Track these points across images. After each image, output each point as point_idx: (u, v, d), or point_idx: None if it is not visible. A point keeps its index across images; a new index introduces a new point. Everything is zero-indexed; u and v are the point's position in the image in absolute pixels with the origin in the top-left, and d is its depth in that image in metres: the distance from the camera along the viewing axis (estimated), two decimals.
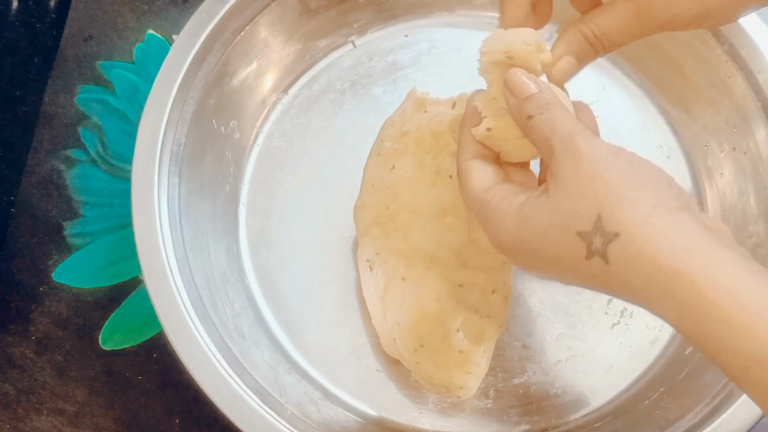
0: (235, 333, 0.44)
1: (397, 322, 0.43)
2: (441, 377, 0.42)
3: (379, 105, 0.52)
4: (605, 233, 0.29)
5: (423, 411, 0.45)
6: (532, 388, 0.46)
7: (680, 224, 0.29)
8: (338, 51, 0.54)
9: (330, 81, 0.53)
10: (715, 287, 0.27)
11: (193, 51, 0.46)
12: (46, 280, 0.50)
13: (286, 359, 0.46)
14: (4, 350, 0.48)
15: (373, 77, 0.54)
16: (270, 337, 0.47)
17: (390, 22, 0.55)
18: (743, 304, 0.26)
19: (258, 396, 0.40)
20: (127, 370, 0.48)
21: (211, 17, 0.46)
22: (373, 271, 0.45)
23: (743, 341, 0.26)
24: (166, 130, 0.44)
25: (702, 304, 0.27)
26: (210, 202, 0.48)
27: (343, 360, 0.47)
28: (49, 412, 0.47)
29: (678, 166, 0.51)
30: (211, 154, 0.49)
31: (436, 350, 0.42)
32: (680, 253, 0.28)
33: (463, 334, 0.42)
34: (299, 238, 0.49)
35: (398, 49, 0.54)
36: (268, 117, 0.53)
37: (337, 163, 0.51)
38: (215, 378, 0.40)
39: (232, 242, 0.49)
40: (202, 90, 0.47)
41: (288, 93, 0.53)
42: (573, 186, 0.30)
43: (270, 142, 0.52)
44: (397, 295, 0.43)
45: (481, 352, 0.42)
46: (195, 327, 0.41)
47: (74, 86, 0.55)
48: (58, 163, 0.53)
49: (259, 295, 0.48)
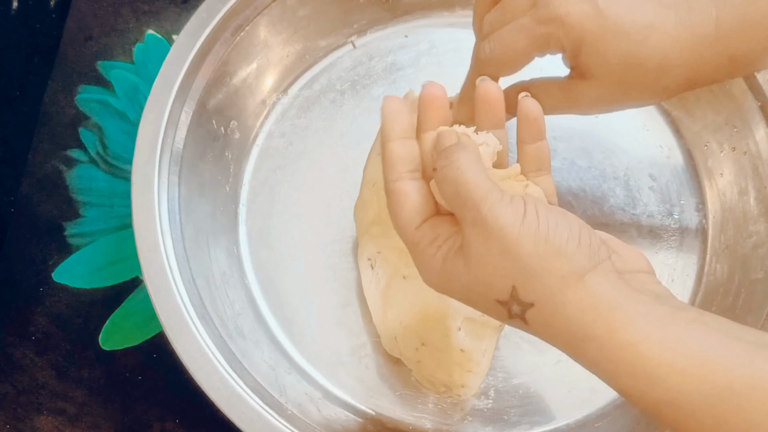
0: (235, 333, 0.44)
1: (398, 321, 0.43)
2: (442, 376, 0.42)
3: (379, 105, 0.52)
4: (521, 302, 0.31)
5: (423, 411, 0.45)
6: (532, 388, 0.46)
7: (588, 289, 0.30)
8: (338, 51, 0.54)
9: (330, 81, 0.54)
10: (621, 346, 0.29)
11: (193, 51, 0.46)
12: (46, 280, 0.50)
13: (286, 359, 0.46)
14: (4, 350, 0.48)
15: (373, 77, 0.54)
16: (270, 337, 0.47)
17: (390, 23, 0.55)
18: (647, 357, 0.29)
19: (257, 395, 0.40)
20: (127, 370, 0.48)
21: (211, 17, 0.46)
22: (374, 269, 0.45)
23: (651, 390, 0.29)
24: (166, 130, 0.44)
25: (609, 365, 0.30)
26: (210, 202, 0.48)
27: (343, 360, 0.46)
28: (49, 412, 0.47)
29: (678, 166, 0.51)
30: (211, 154, 0.49)
31: (437, 349, 0.42)
32: (588, 319, 0.30)
33: (464, 332, 0.42)
34: (299, 237, 0.49)
35: (398, 49, 0.54)
36: (268, 117, 0.53)
37: (337, 163, 0.51)
38: (215, 377, 0.40)
39: (232, 242, 0.49)
40: (202, 90, 0.47)
41: (288, 93, 0.53)
42: (486, 260, 0.31)
43: (270, 142, 0.52)
44: (399, 294, 0.43)
45: (482, 350, 0.42)
46: (195, 327, 0.41)
47: (74, 86, 0.55)
48: (58, 163, 0.53)
49: (259, 295, 0.48)
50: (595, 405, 0.46)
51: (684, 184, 0.51)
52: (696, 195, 0.50)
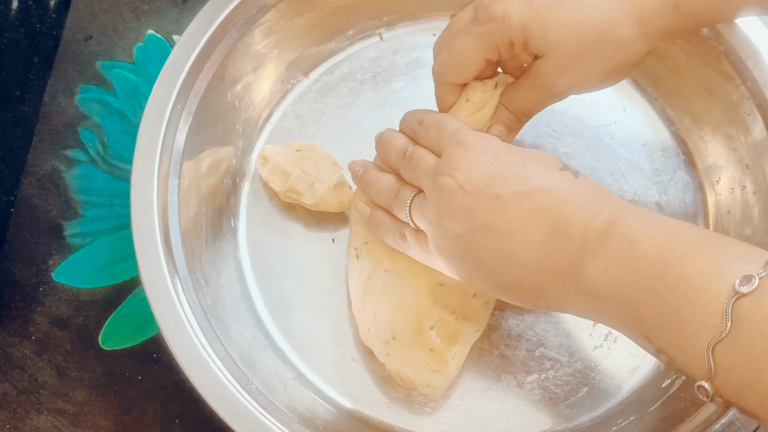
0: (217, 302, 0.44)
1: (374, 312, 0.43)
2: (408, 372, 0.42)
3: (397, 99, 0.53)
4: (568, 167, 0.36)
5: (392, 406, 0.45)
6: (503, 399, 0.45)
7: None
8: (364, 42, 0.55)
9: (352, 70, 0.54)
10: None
11: (196, 50, 0.46)
12: (46, 280, 0.50)
13: (264, 336, 0.46)
14: (4, 350, 0.48)
15: (395, 71, 0.54)
16: (252, 312, 0.47)
17: (420, 19, 0.55)
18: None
19: (225, 366, 0.40)
20: (127, 370, 0.48)
21: (225, 6, 0.47)
22: (359, 259, 0.45)
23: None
24: (167, 129, 0.44)
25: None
26: (211, 184, 0.48)
27: (321, 344, 0.46)
28: (49, 412, 0.47)
29: (678, 166, 0.51)
30: (221, 125, 0.49)
31: (407, 344, 0.42)
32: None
33: (436, 332, 0.42)
34: (299, 219, 0.49)
35: (424, 47, 0.54)
36: (285, 97, 0.53)
37: (346, 150, 0.51)
38: (190, 349, 0.40)
39: (231, 215, 0.49)
40: (203, 90, 0.47)
41: (309, 76, 0.54)
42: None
43: (284, 122, 0.52)
44: (378, 286, 0.43)
45: (453, 353, 0.42)
46: (190, 325, 0.41)
47: (74, 86, 0.55)
48: (58, 163, 0.53)
49: (249, 269, 0.48)
50: (562, 425, 0.45)
51: (684, 184, 0.51)
52: (696, 195, 0.50)
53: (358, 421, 0.44)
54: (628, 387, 0.45)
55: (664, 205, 0.50)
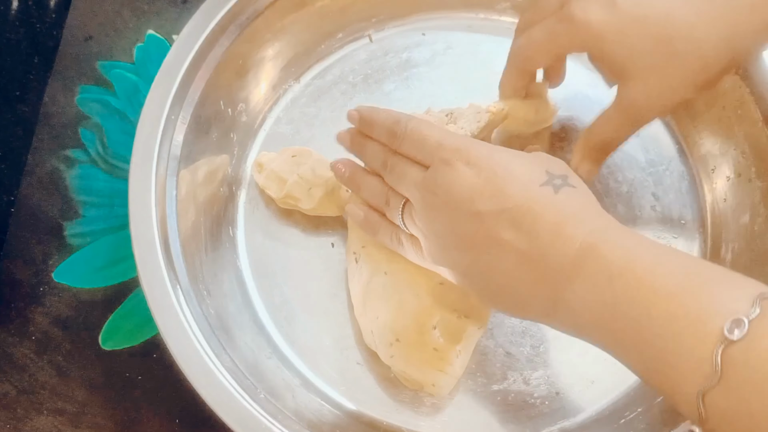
0: (220, 312, 0.44)
1: (376, 315, 0.43)
2: (414, 373, 0.42)
3: (390, 101, 0.53)
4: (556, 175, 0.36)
5: (399, 408, 0.45)
6: (510, 396, 0.45)
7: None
8: (354, 44, 0.54)
9: (343, 73, 0.54)
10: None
11: (194, 49, 0.46)
12: (46, 280, 0.50)
13: (268, 344, 0.46)
14: (4, 350, 0.48)
15: (386, 73, 0.54)
16: (255, 321, 0.47)
17: (408, 19, 0.55)
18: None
19: (232, 376, 0.40)
20: (127, 370, 0.48)
21: (222, 5, 0.47)
22: (358, 263, 0.45)
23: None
24: (164, 130, 0.45)
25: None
26: (208, 192, 0.48)
27: (325, 349, 0.46)
28: (49, 412, 0.47)
29: (678, 166, 0.51)
30: (215, 135, 0.49)
31: (411, 346, 0.42)
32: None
33: (439, 332, 0.42)
34: (297, 224, 0.49)
35: (414, 47, 0.54)
36: (278, 103, 0.53)
37: (341, 154, 0.50)
38: (194, 359, 0.40)
39: (229, 224, 0.49)
40: (196, 99, 0.47)
41: (300, 81, 0.54)
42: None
43: (277, 128, 0.52)
44: (378, 288, 0.43)
45: (457, 352, 0.42)
46: (190, 326, 0.41)
47: (74, 86, 0.55)
48: (58, 163, 0.53)
49: (249, 277, 0.48)
50: (572, 418, 0.45)
51: (687, 206, 0.50)
52: (696, 195, 0.50)
53: (366, 425, 0.44)
54: (634, 379, 0.45)
55: (661, 196, 0.50)
